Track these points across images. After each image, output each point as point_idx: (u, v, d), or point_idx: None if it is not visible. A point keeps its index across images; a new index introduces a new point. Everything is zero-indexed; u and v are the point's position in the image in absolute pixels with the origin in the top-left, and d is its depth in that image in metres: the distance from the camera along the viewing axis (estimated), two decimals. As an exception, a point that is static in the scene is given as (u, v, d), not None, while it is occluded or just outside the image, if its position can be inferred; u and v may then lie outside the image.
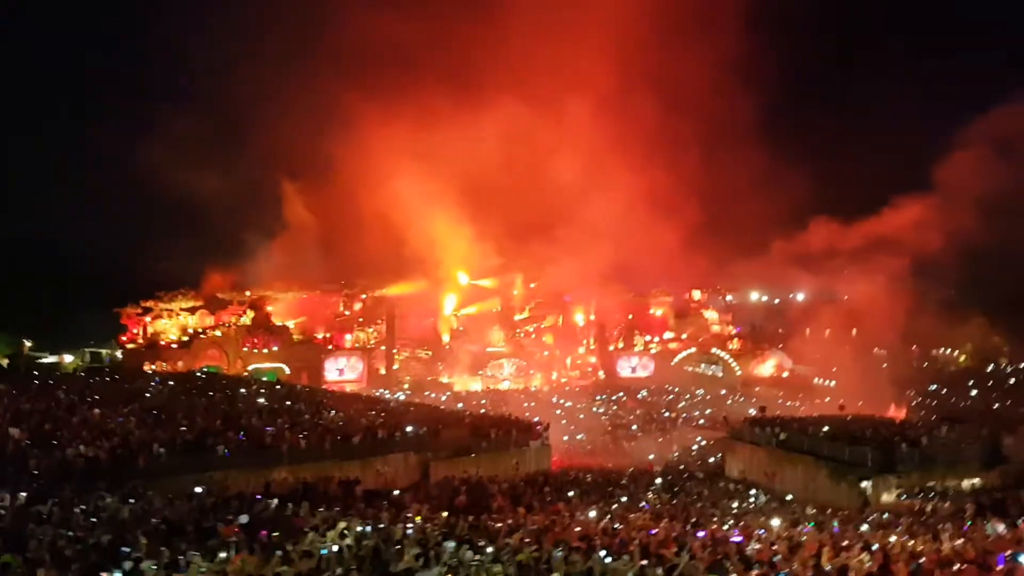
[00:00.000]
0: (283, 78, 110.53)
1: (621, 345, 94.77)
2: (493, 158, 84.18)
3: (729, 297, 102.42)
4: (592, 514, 23.63)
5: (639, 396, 76.77)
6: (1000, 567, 12.35)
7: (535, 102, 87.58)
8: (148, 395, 42.09)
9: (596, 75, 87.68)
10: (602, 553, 12.75)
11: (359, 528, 14.98)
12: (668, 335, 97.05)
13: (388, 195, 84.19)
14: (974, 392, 71.36)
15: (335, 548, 12.74)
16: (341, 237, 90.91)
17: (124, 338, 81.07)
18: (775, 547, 16.00)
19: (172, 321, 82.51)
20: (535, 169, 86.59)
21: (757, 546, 16.20)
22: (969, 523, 20.97)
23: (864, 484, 30.10)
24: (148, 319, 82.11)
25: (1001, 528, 18.35)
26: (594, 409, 68.85)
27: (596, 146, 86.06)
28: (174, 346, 78.44)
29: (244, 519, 14.75)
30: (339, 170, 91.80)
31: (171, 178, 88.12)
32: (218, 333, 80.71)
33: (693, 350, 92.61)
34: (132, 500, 18.98)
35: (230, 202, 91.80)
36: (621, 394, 76.62)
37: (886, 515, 25.54)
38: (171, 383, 49.32)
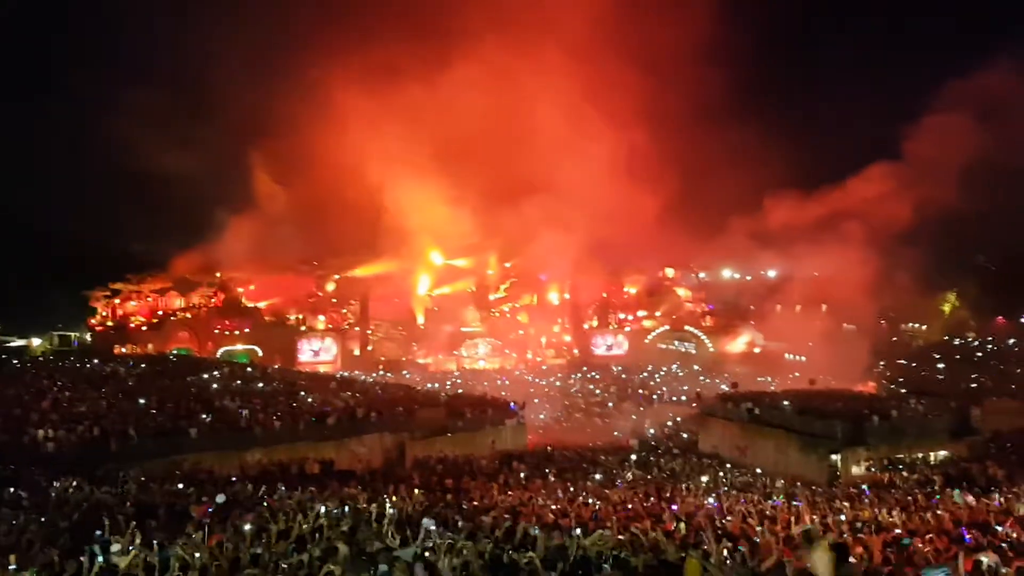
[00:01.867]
0: (249, 49, 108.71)
1: (595, 323, 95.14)
2: (466, 126, 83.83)
3: (702, 275, 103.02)
4: (568, 491, 23.78)
5: (613, 374, 77.24)
6: (966, 536, 12.57)
7: (508, 69, 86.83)
8: (119, 378, 41.61)
9: (569, 45, 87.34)
10: (578, 529, 12.83)
11: (335, 509, 14.95)
12: (641, 313, 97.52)
13: (360, 168, 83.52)
14: (942, 366, 72.49)
15: (310, 528, 12.71)
16: (312, 215, 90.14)
17: (93, 321, 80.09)
18: (748, 520, 16.19)
19: (141, 303, 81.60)
20: (507, 143, 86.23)
21: (729, 519, 16.38)
22: (938, 494, 21.37)
23: (834, 457, 30.54)
24: (117, 301, 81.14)
25: (970, 499, 18.70)
26: (569, 388, 69.16)
27: (568, 119, 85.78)
28: (144, 328, 77.58)
29: (221, 498, 14.64)
30: (309, 146, 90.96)
31: (138, 157, 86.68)
32: (188, 315, 79.95)
33: (666, 327, 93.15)
34: (104, 483, 18.79)
35: (199, 181, 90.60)
36: (595, 373, 77.05)
37: (862, 487, 25.91)
38: (142, 366, 48.78)
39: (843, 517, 15.99)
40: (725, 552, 11.07)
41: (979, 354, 77.35)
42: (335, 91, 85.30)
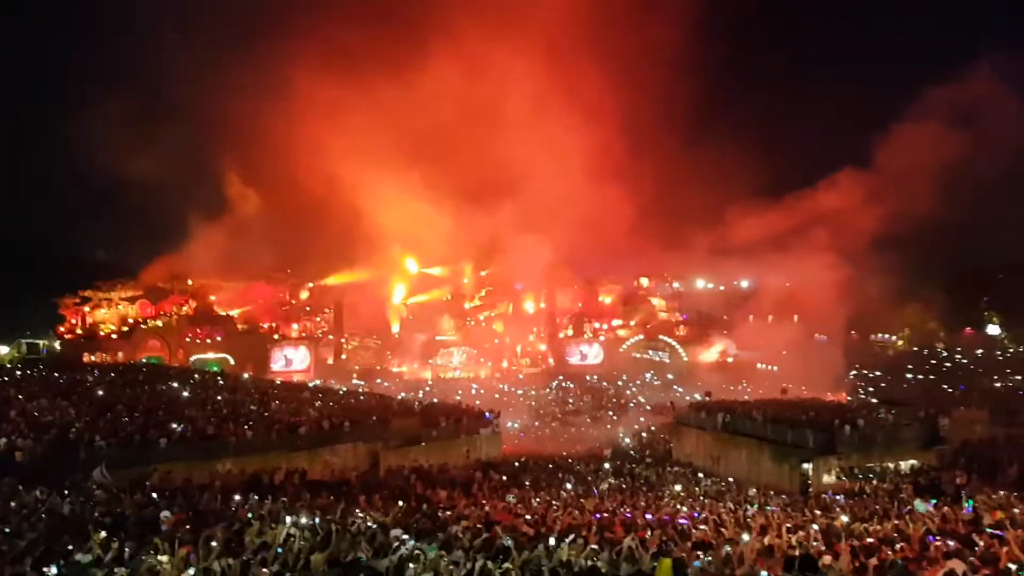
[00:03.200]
0: (219, 54, 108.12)
1: (571, 332, 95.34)
2: (441, 131, 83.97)
3: (676, 284, 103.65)
4: (543, 500, 23.77)
5: (588, 383, 77.42)
6: (935, 543, 12.72)
7: (482, 75, 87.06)
8: (88, 387, 41.03)
9: (540, 56, 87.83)
10: (552, 539, 12.82)
11: (307, 520, 14.83)
12: (616, 322, 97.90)
13: (332, 174, 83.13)
14: (911, 376, 73.48)
15: (283, 540, 12.60)
16: (285, 222, 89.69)
17: (62, 329, 78.94)
18: (722, 530, 16.29)
19: (111, 311, 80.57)
20: (482, 148, 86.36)
21: (704, 528, 16.46)
22: (907, 502, 21.60)
23: (805, 466, 30.77)
24: (87, 309, 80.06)
25: (930, 508, 18.93)
26: (544, 396, 69.22)
27: (541, 124, 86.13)
28: (114, 336, 76.60)
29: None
30: (280, 152, 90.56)
31: (106, 163, 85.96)
32: (159, 323, 79.05)
33: (640, 337, 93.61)
34: (73, 494, 18.50)
35: (169, 187, 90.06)
36: (570, 382, 77.21)
37: (831, 495, 26.12)
38: (112, 375, 48.15)
39: (815, 527, 16.10)
40: (698, 561, 11.13)
41: (948, 364, 78.51)
42: (305, 96, 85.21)
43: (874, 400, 51.39)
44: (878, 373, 74.85)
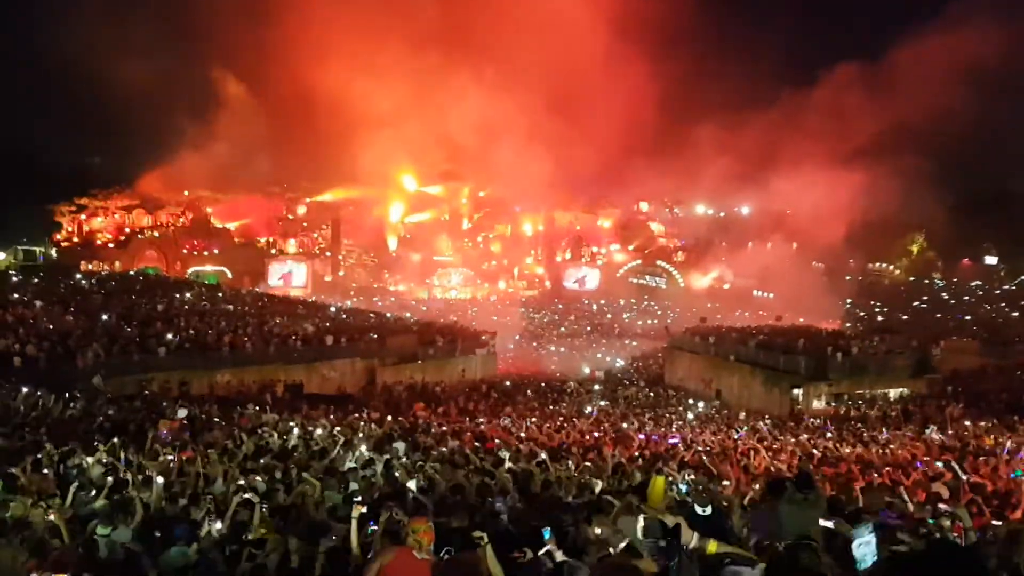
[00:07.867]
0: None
1: (568, 256, 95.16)
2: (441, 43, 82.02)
3: (676, 209, 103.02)
4: (535, 419, 24.13)
5: (584, 306, 77.76)
6: (920, 469, 12.96)
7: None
8: (87, 295, 41.10)
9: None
10: (544, 455, 13.04)
11: (308, 428, 15.07)
12: (615, 246, 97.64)
13: (330, 80, 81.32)
14: (906, 305, 73.72)
15: (282, 447, 12.82)
16: (282, 134, 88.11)
17: (58, 236, 78.75)
18: (710, 449, 16.58)
19: (108, 220, 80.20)
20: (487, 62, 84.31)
21: (697, 447, 16.75)
22: (898, 429, 21.94)
23: (796, 391, 31.12)
24: (83, 217, 79.69)
25: (936, 435, 19.22)
26: (541, 319, 69.64)
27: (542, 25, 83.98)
28: (111, 246, 76.46)
29: (182, 412, 14.65)
30: (274, 52, 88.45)
31: (103, 66, 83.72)
32: (156, 234, 78.81)
33: (638, 262, 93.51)
34: (73, 400, 18.72)
35: (165, 92, 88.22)
36: (565, 305, 77.55)
37: (820, 420, 26.49)
38: (110, 283, 48.22)
39: (816, 452, 16.39)
40: (687, 478, 11.34)
41: (944, 295, 78.70)
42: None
43: (868, 328, 51.67)
44: (873, 302, 75.07)
